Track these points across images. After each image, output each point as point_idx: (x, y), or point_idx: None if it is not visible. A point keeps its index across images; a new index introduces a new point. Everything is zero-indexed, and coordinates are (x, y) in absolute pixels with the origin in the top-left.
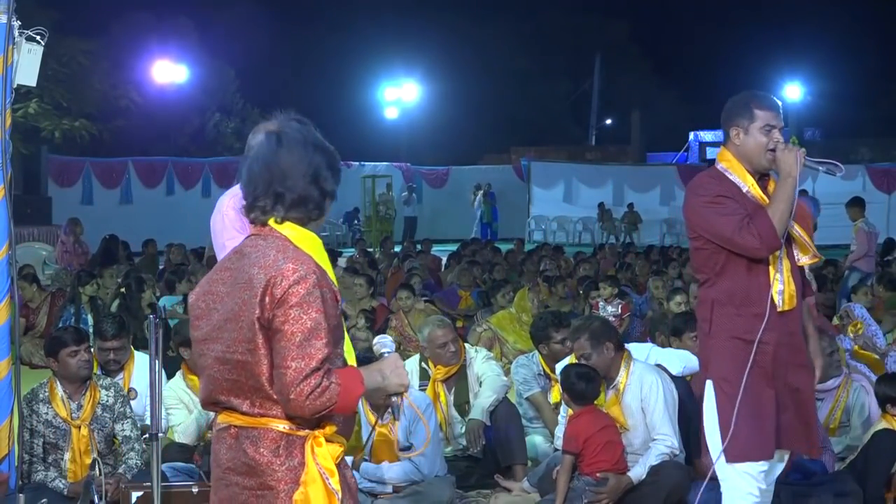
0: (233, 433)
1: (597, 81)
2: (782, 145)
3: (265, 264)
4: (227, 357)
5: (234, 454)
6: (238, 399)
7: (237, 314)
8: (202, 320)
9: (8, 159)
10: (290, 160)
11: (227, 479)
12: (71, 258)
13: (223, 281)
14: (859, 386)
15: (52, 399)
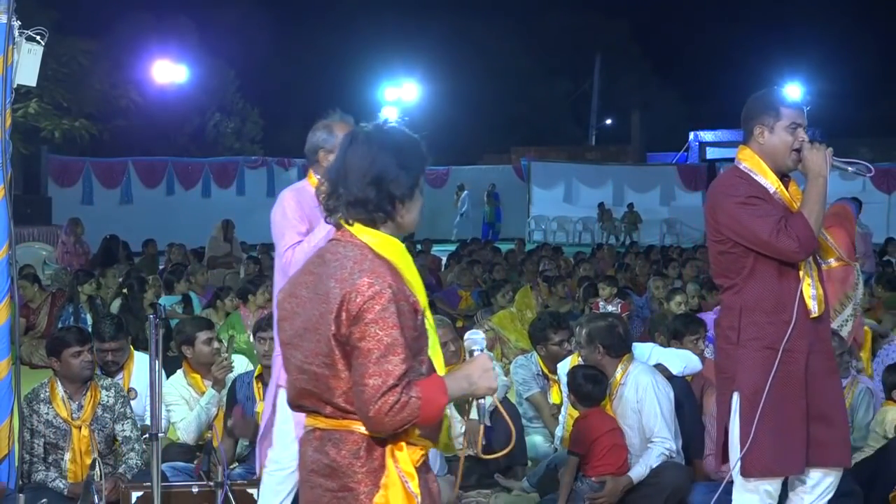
0: (317, 436)
1: (597, 81)
2: (808, 144)
3: (341, 277)
4: (305, 367)
5: (318, 456)
6: (320, 404)
7: (315, 326)
8: (286, 322)
9: (8, 159)
10: (353, 161)
11: (312, 482)
12: (71, 258)
13: (306, 285)
14: (864, 388)
15: (53, 399)
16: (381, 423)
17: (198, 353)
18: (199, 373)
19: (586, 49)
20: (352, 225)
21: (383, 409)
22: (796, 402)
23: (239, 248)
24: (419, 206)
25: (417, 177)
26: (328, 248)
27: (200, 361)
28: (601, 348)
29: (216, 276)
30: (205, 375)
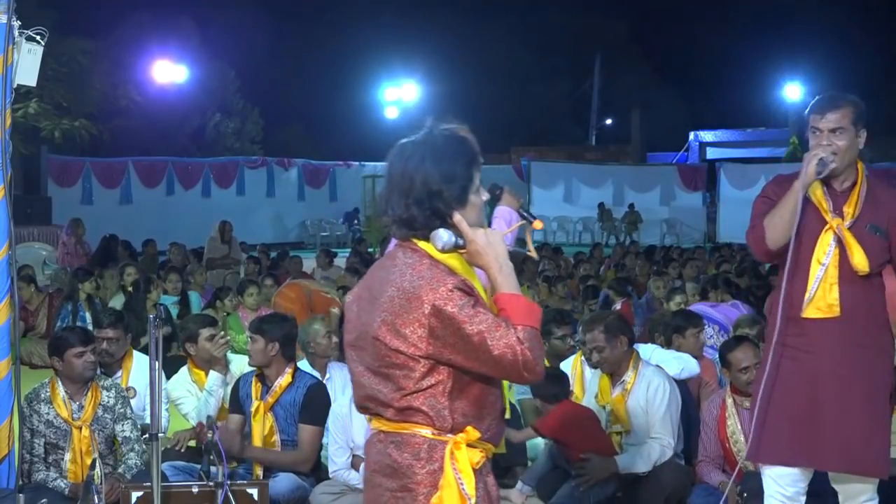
0: (381, 438)
1: (597, 81)
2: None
3: (401, 285)
4: (375, 368)
5: (380, 457)
6: (382, 407)
7: (377, 330)
8: (350, 324)
9: (8, 159)
10: (395, 180)
11: (374, 481)
12: (72, 259)
13: (369, 289)
14: None
15: (54, 399)
16: (537, 374)
17: (201, 350)
18: (203, 369)
19: (586, 49)
20: (407, 239)
21: (529, 364)
22: (793, 399)
23: (238, 250)
24: (477, 208)
25: (466, 184)
26: (393, 255)
27: (203, 358)
28: (624, 339)
29: (216, 277)
30: (208, 372)
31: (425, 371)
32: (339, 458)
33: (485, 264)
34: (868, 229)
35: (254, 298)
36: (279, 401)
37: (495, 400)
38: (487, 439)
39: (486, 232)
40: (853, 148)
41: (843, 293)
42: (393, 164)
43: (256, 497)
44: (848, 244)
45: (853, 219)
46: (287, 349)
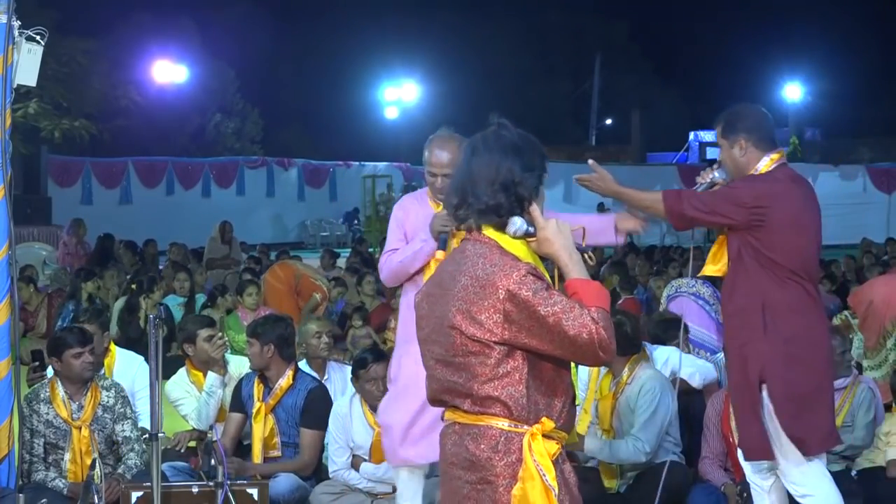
0: (457, 430)
1: (597, 81)
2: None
3: (474, 274)
4: (449, 360)
5: (457, 450)
6: (459, 398)
7: (452, 319)
8: (424, 320)
9: (8, 159)
10: (479, 170)
11: (451, 473)
12: (73, 259)
13: (440, 284)
14: (866, 387)
15: (53, 399)
16: (612, 353)
17: (199, 351)
18: (201, 370)
19: (586, 49)
20: (482, 230)
21: (604, 344)
22: None
23: (238, 250)
24: (543, 202)
25: (541, 175)
26: (461, 249)
27: (202, 359)
28: None
29: (216, 277)
30: (206, 373)
31: (500, 357)
32: (339, 458)
33: (554, 251)
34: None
35: (253, 298)
36: (280, 402)
37: (567, 387)
38: (561, 427)
39: (557, 222)
40: (731, 158)
41: (725, 282)
42: (476, 154)
43: (256, 497)
44: (712, 253)
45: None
46: (284, 350)
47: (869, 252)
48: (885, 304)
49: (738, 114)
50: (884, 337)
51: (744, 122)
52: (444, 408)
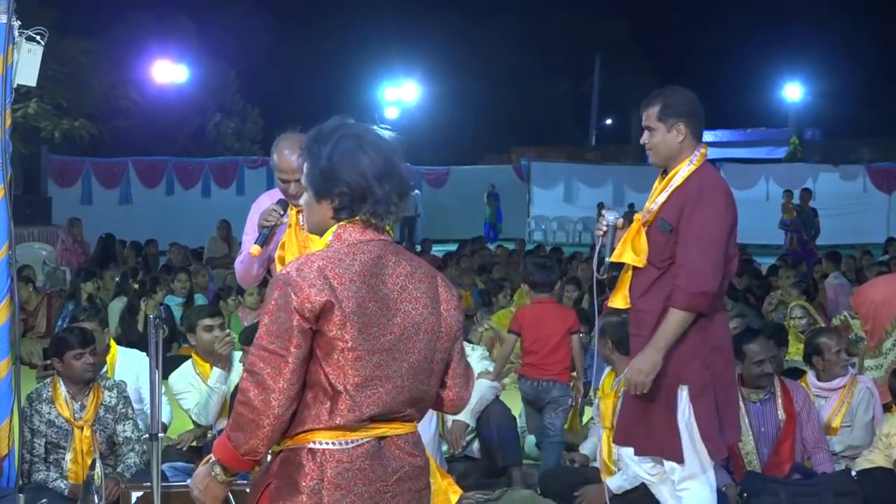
0: (399, 444)
1: (597, 81)
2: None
3: (433, 273)
4: (426, 365)
5: (408, 460)
6: (414, 407)
7: (449, 321)
8: (382, 327)
9: (8, 159)
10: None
11: (398, 489)
12: (71, 257)
13: (395, 285)
14: (864, 387)
15: (55, 399)
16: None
17: (199, 340)
18: (208, 362)
19: (586, 49)
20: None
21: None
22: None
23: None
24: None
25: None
26: (393, 248)
27: (205, 349)
28: (610, 343)
29: (217, 277)
30: (213, 364)
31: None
32: None
33: None
34: (658, 223)
35: (254, 298)
36: None
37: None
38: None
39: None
40: (665, 143)
41: (634, 284)
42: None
43: None
44: (625, 240)
45: (649, 212)
46: None
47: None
48: (885, 304)
49: (677, 96)
50: (884, 337)
51: (684, 105)
52: (380, 424)
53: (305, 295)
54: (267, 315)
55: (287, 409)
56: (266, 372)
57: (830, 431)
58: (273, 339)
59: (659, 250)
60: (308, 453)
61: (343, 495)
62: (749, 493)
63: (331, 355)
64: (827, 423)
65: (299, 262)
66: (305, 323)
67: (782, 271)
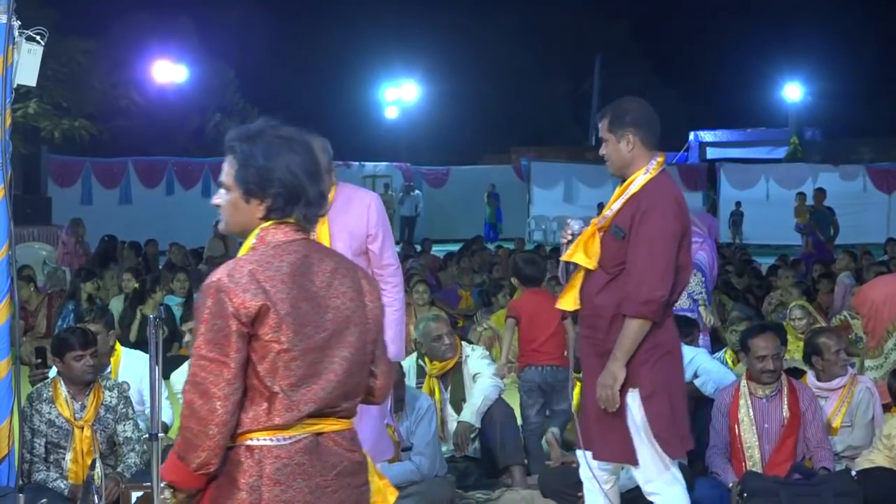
0: (336, 440)
1: (597, 81)
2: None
3: (354, 267)
4: (358, 362)
5: (347, 455)
6: (349, 402)
7: (375, 312)
8: (315, 325)
9: (8, 159)
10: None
11: (338, 483)
12: (72, 259)
13: (323, 282)
14: (864, 387)
15: (56, 399)
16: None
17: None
18: None
19: (586, 49)
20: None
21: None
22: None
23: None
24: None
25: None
26: (316, 246)
27: None
28: None
29: None
30: None
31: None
32: None
33: None
34: (611, 230)
35: None
36: None
37: None
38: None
39: None
40: (617, 153)
41: (587, 288)
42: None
43: None
44: (578, 241)
45: (605, 218)
46: None
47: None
48: (886, 304)
49: (626, 107)
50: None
51: (632, 115)
52: (316, 420)
53: (241, 300)
54: (203, 324)
55: (233, 414)
56: (209, 380)
57: (831, 431)
58: (212, 346)
59: (611, 256)
60: (246, 450)
61: (283, 490)
62: (749, 493)
63: (266, 358)
64: (827, 423)
65: (229, 267)
66: (243, 327)
67: (782, 271)
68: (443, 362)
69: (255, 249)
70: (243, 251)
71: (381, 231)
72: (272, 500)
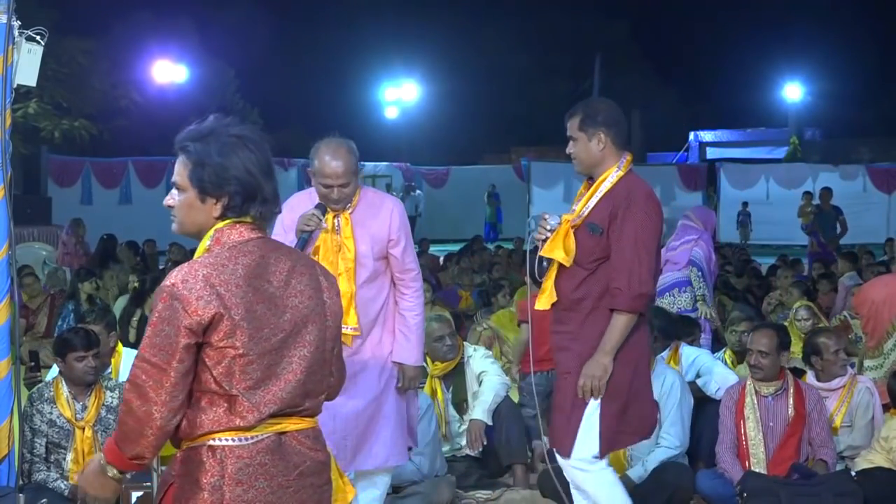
0: (299, 439)
1: (597, 81)
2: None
3: (314, 263)
4: (318, 360)
5: (311, 454)
6: (311, 401)
7: (336, 311)
8: (273, 327)
9: (8, 159)
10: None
11: (300, 483)
12: (72, 259)
13: (270, 281)
14: (864, 387)
15: (57, 399)
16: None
17: None
18: None
19: (586, 49)
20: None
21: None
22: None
23: None
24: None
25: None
26: (272, 245)
27: None
28: None
29: None
30: None
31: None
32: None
33: None
34: (587, 227)
35: None
36: None
37: None
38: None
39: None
40: (587, 152)
41: (558, 285)
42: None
43: None
44: (555, 238)
45: (578, 216)
46: None
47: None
48: (887, 304)
49: (597, 107)
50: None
51: (604, 115)
52: (278, 420)
53: (193, 308)
54: (151, 327)
55: (170, 420)
56: (148, 385)
57: (832, 432)
58: (156, 351)
59: (587, 252)
60: (208, 450)
61: (244, 491)
62: (749, 493)
63: (221, 363)
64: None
65: (183, 271)
66: (192, 338)
67: (781, 271)
68: (444, 363)
69: (210, 251)
70: (199, 252)
71: (403, 236)
72: (234, 499)
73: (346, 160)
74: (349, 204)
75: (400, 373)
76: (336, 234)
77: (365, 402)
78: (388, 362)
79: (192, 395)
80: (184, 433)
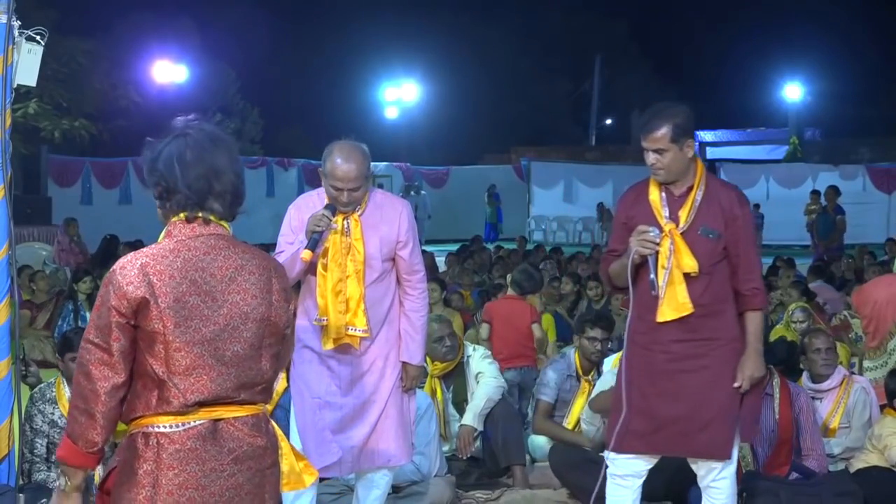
0: (237, 426)
1: (597, 81)
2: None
3: (262, 263)
4: (250, 354)
5: (249, 440)
6: (247, 391)
7: (251, 311)
8: (204, 320)
9: (8, 159)
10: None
11: (236, 468)
12: (68, 257)
13: (215, 277)
14: (860, 387)
15: (59, 399)
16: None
17: None
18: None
19: (586, 49)
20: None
21: None
22: (636, 390)
23: None
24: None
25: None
26: (226, 242)
27: None
28: None
29: None
30: None
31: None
32: None
33: None
34: (700, 232)
35: None
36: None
37: None
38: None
39: None
40: (679, 160)
41: (690, 291)
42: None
43: None
44: (676, 247)
45: (685, 223)
46: None
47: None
48: (890, 303)
49: (684, 115)
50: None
51: (686, 121)
52: (215, 407)
53: (123, 292)
54: (94, 310)
55: (113, 397)
56: (91, 363)
57: (829, 433)
58: (98, 332)
59: (707, 257)
60: (143, 437)
61: (176, 475)
62: (749, 493)
63: (152, 347)
64: (825, 424)
65: (126, 259)
66: (122, 318)
67: (781, 271)
68: (444, 363)
69: (159, 243)
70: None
71: (411, 238)
72: (167, 483)
73: (359, 164)
74: (359, 206)
75: (403, 372)
76: (346, 235)
77: (372, 402)
78: (394, 362)
79: (132, 379)
80: (123, 416)
